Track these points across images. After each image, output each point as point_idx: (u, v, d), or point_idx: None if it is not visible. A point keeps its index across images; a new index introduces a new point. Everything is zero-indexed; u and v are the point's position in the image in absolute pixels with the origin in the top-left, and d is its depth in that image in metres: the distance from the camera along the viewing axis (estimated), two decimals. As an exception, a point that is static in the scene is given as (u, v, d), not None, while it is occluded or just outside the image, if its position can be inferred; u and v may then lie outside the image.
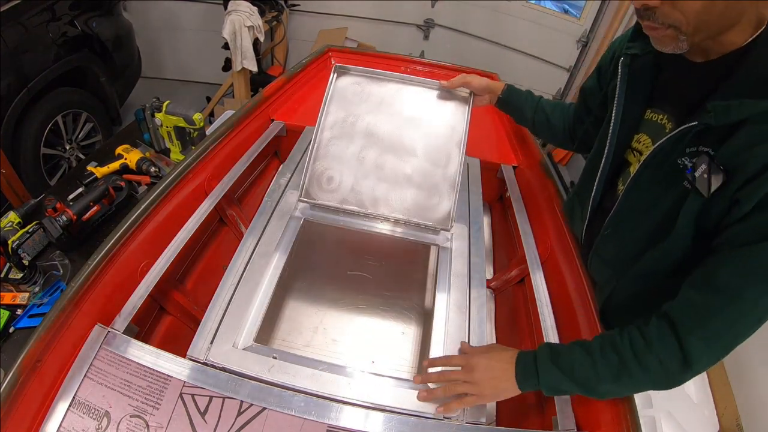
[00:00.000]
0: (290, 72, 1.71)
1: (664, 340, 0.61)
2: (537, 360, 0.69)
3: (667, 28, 0.59)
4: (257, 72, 2.87)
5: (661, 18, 0.58)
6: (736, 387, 1.59)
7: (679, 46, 0.61)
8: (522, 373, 0.70)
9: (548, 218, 1.19)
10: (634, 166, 0.77)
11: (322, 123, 1.08)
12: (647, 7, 0.59)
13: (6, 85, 1.87)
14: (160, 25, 3.38)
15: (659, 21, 0.59)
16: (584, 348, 0.67)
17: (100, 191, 1.39)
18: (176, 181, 1.09)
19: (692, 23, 0.56)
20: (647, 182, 0.72)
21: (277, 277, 0.94)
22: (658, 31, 0.61)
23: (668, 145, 0.66)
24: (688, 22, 0.56)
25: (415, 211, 1.05)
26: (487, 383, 0.71)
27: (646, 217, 0.71)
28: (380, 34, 3.57)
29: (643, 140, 0.76)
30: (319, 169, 1.07)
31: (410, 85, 1.10)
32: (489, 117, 1.83)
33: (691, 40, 0.59)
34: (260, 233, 1.01)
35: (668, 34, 0.60)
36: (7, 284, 1.20)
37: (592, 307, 0.88)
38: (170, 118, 1.60)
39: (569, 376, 0.66)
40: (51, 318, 0.74)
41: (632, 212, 0.75)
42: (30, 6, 2.00)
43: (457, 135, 1.06)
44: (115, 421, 0.70)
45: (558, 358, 0.68)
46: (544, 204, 1.25)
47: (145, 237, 0.97)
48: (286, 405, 0.72)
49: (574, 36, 3.20)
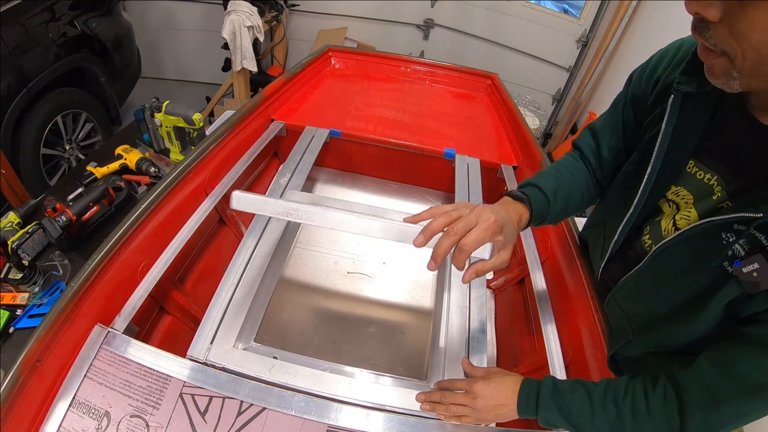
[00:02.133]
0: (290, 72, 1.71)
1: (666, 413, 0.58)
2: (539, 394, 0.68)
3: (720, 55, 0.48)
4: (257, 72, 2.87)
5: (714, 39, 0.47)
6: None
7: (730, 84, 0.49)
8: (523, 404, 0.69)
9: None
10: (666, 222, 0.67)
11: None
12: (702, 19, 0.47)
13: (6, 85, 1.87)
14: (160, 25, 3.38)
15: (711, 41, 0.48)
16: (587, 391, 0.65)
17: (100, 191, 1.38)
18: (176, 181, 1.09)
19: (749, 59, 0.45)
20: (682, 253, 0.62)
21: (277, 277, 0.94)
22: (710, 56, 0.50)
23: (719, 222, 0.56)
24: (744, 55, 0.45)
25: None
26: (488, 411, 0.70)
27: (673, 286, 0.62)
28: (380, 34, 3.57)
29: (683, 194, 0.65)
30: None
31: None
32: (489, 117, 1.83)
33: (745, 83, 0.48)
34: (260, 233, 1.01)
35: (719, 63, 0.49)
36: (7, 284, 1.20)
37: (591, 307, 0.88)
38: (170, 118, 1.60)
39: (566, 417, 0.65)
40: (51, 318, 0.74)
41: (658, 277, 0.66)
42: (30, 6, 2.00)
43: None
44: (115, 421, 0.70)
45: (560, 398, 0.66)
46: (544, 204, 1.25)
47: (145, 237, 0.97)
48: (286, 405, 0.72)
49: (573, 36, 3.21)
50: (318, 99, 1.75)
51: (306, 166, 1.30)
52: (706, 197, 0.61)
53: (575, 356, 0.90)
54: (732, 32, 0.45)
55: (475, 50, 3.49)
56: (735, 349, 0.55)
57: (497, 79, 2.00)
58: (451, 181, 1.38)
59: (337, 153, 1.58)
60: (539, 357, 0.99)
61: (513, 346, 1.18)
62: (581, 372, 0.87)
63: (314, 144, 1.41)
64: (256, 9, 2.67)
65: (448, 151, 1.47)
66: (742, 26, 0.43)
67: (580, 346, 0.90)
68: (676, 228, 0.65)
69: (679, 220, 0.65)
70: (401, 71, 2.07)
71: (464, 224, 0.58)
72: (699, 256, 0.59)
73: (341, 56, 2.09)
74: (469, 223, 0.59)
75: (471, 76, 2.07)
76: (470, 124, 1.74)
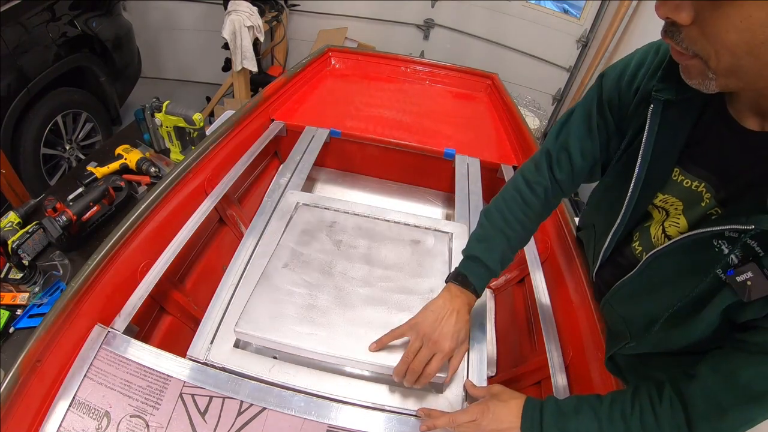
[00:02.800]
0: (290, 72, 1.71)
1: (675, 425, 0.58)
2: (542, 420, 0.66)
3: (692, 57, 0.47)
4: (257, 72, 2.88)
5: (686, 42, 0.46)
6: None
7: (707, 85, 0.48)
8: (527, 427, 0.67)
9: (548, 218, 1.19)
10: (655, 229, 0.67)
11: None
12: (673, 23, 0.46)
13: (6, 85, 1.87)
14: (160, 25, 3.38)
15: (683, 45, 0.47)
16: (593, 410, 0.64)
17: (100, 191, 1.38)
18: (176, 181, 1.09)
19: (724, 61, 0.44)
20: (674, 261, 0.61)
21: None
22: (683, 58, 0.49)
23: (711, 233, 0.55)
24: (718, 57, 0.44)
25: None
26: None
27: (667, 293, 0.62)
28: (380, 34, 3.57)
29: (671, 201, 0.64)
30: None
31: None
32: (489, 117, 1.84)
33: (723, 83, 0.47)
34: (260, 233, 1.01)
35: (693, 64, 0.48)
36: (7, 284, 1.20)
37: (591, 307, 0.88)
38: (170, 118, 1.60)
39: None
40: (51, 318, 0.74)
41: (652, 285, 0.66)
42: (30, 6, 2.00)
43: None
44: (115, 421, 0.70)
45: (565, 422, 0.65)
46: (544, 204, 1.25)
47: (145, 237, 0.97)
48: (286, 405, 0.72)
49: (574, 36, 3.21)
50: (318, 99, 1.75)
51: (306, 166, 1.30)
52: (695, 205, 0.61)
53: (575, 356, 0.90)
54: (704, 34, 0.44)
55: (475, 50, 3.49)
56: (736, 357, 0.55)
57: (497, 79, 2.00)
58: (451, 181, 1.38)
59: (337, 153, 1.58)
60: (539, 357, 0.99)
61: (513, 346, 1.18)
62: (581, 372, 0.87)
63: (314, 144, 1.41)
64: (256, 9, 2.67)
65: (448, 151, 1.47)
66: (715, 28, 0.43)
67: (580, 346, 0.90)
68: (666, 235, 0.64)
69: (668, 228, 0.64)
70: (401, 71, 2.07)
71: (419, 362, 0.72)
72: (691, 265, 0.58)
73: (341, 56, 2.09)
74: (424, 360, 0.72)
75: (471, 76, 2.07)
76: (470, 124, 1.74)
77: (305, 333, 0.80)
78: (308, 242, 1.01)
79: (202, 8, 3.32)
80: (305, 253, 0.98)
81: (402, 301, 0.90)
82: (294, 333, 0.79)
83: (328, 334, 0.81)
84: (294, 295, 0.88)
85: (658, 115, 0.61)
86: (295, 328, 0.81)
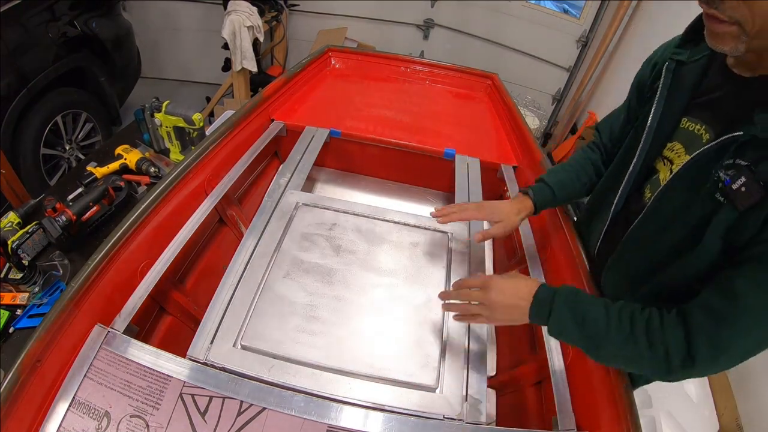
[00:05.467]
0: (290, 72, 1.71)
1: (676, 331, 0.61)
2: (555, 299, 0.69)
3: (731, 24, 0.56)
4: (257, 72, 2.87)
5: (728, 11, 0.55)
6: (736, 387, 1.59)
7: (737, 47, 0.57)
8: (536, 307, 0.70)
9: (548, 218, 1.19)
10: (664, 174, 0.76)
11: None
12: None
13: (6, 85, 1.87)
14: (160, 25, 3.38)
15: (726, 13, 0.55)
16: (604, 305, 0.68)
17: (100, 191, 1.38)
18: (176, 181, 1.09)
19: (758, 24, 0.53)
20: (679, 192, 0.69)
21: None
22: (721, 26, 0.57)
23: (706, 155, 0.65)
24: (754, 21, 0.53)
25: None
26: (501, 309, 0.73)
27: (673, 228, 0.69)
28: (380, 34, 3.57)
29: (677, 149, 0.74)
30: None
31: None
32: (489, 117, 1.84)
33: (750, 44, 0.56)
34: (260, 233, 1.01)
35: (730, 31, 0.56)
36: (7, 284, 1.20)
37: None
38: (170, 118, 1.60)
39: (579, 325, 0.67)
40: (51, 318, 0.74)
41: (660, 221, 0.73)
42: (30, 6, 2.00)
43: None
44: (115, 421, 0.70)
45: (576, 304, 0.68)
46: (544, 204, 1.25)
47: (145, 237, 0.97)
48: (286, 405, 0.72)
49: (573, 36, 3.21)
50: (318, 99, 1.75)
51: (306, 166, 1.30)
52: (696, 144, 0.69)
53: (575, 356, 0.90)
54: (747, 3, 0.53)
55: (475, 50, 3.49)
56: (732, 271, 0.59)
57: (497, 79, 2.00)
58: (451, 181, 1.38)
59: (337, 153, 1.58)
60: (539, 357, 0.99)
61: (513, 346, 1.18)
62: (581, 372, 0.87)
63: (314, 144, 1.41)
64: (256, 9, 2.67)
65: (448, 151, 1.47)
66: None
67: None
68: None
69: (674, 169, 0.72)
70: (401, 71, 2.07)
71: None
72: (695, 195, 0.65)
73: (341, 56, 2.09)
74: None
75: (471, 76, 2.07)
76: (470, 124, 1.74)
77: (308, 345, 0.82)
78: (308, 248, 1.01)
79: (202, 8, 3.32)
80: (306, 261, 0.98)
81: (399, 310, 0.93)
82: (297, 346, 0.82)
83: (330, 346, 0.83)
84: (296, 306, 0.90)
85: (671, 71, 0.76)
86: (297, 341, 0.83)
